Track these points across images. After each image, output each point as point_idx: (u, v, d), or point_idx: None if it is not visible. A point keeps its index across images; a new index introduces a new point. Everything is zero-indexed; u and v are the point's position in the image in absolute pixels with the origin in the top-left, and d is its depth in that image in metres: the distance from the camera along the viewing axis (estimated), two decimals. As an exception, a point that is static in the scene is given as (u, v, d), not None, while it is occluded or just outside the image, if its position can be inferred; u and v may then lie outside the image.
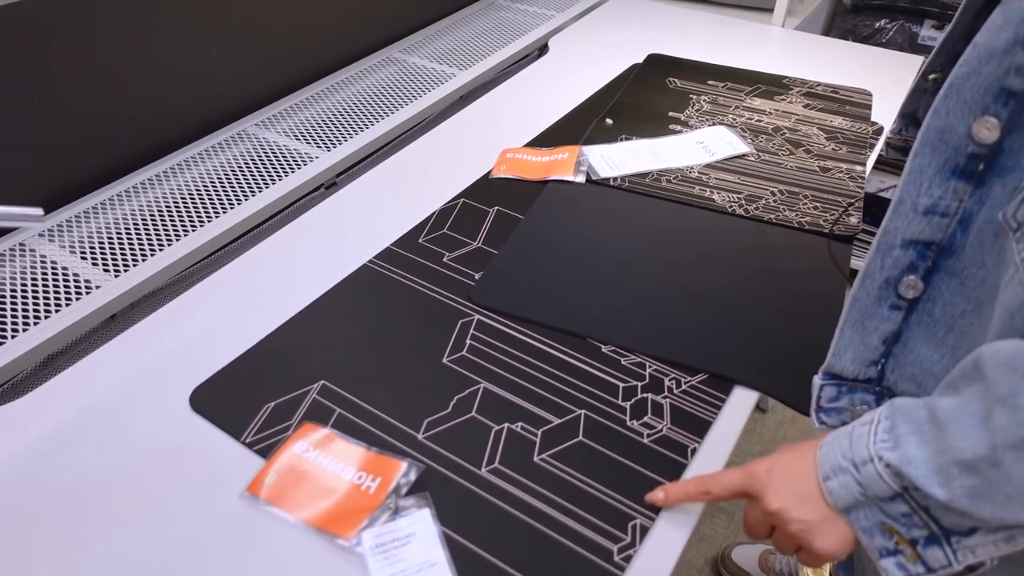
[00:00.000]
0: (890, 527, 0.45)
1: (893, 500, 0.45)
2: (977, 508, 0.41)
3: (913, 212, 0.49)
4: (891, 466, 0.44)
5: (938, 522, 0.44)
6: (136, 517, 0.56)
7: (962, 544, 0.43)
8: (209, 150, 0.97)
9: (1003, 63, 0.43)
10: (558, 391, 0.65)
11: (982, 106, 0.44)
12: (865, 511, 0.46)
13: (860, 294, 0.53)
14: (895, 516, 0.45)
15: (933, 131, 0.47)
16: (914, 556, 0.45)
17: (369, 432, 0.61)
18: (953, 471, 0.41)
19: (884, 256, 0.51)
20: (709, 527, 1.38)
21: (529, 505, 0.56)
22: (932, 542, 0.44)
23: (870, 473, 0.45)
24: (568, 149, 0.96)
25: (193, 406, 0.64)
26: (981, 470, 0.40)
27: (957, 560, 0.44)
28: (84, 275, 0.77)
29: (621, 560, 0.53)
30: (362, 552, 0.53)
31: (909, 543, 0.45)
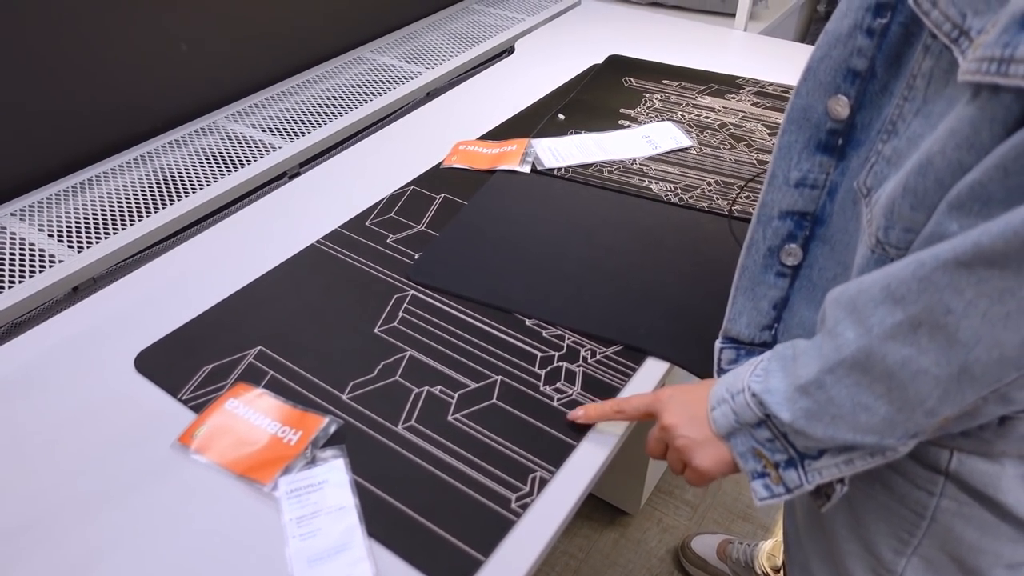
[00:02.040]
0: (759, 451, 0.50)
1: (759, 426, 0.49)
2: (812, 428, 0.46)
3: (786, 185, 0.53)
4: (756, 395, 0.49)
5: (793, 446, 0.48)
6: (73, 462, 0.60)
7: (812, 466, 0.48)
8: (179, 140, 1.03)
9: (847, 46, 0.47)
10: (479, 359, 0.69)
11: (834, 85, 0.48)
12: (740, 437, 0.51)
13: (747, 263, 0.57)
14: (762, 441, 0.49)
15: (797, 110, 0.51)
16: (777, 478, 0.49)
17: (297, 392, 0.66)
18: (795, 396, 0.46)
19: (765, 227, 0.55)
20: (673, 518, 1.41)
21: (438, 458, 0.60)
22: (790, 465, 0.49)
23: (741, 402, 0.50)
24: (517, 141, 1.01)
25: (137, 367, 0.68)
26: (811, 392, 0.45)
27: (808, 480, 0.48)
28: (50, 251, 0.82)
29: (518, 507, 0.57)
30: (278, 496, 0.58)
31: (773, 466, 0.49)
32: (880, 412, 0.43)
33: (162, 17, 0.98)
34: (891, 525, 0.55)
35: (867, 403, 0.43)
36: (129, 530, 0.55)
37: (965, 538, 0.52)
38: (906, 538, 0.54)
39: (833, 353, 0.44)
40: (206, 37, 1.05)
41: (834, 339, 0.44)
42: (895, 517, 0.54)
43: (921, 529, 0.53)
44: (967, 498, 0.50)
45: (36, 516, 0.56)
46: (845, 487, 0.50)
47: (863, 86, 0.47)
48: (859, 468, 0.47)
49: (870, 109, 0.48)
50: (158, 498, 0.58)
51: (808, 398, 0.45)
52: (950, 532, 0.52)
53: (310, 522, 0.56)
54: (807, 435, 0.46)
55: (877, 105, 0.47)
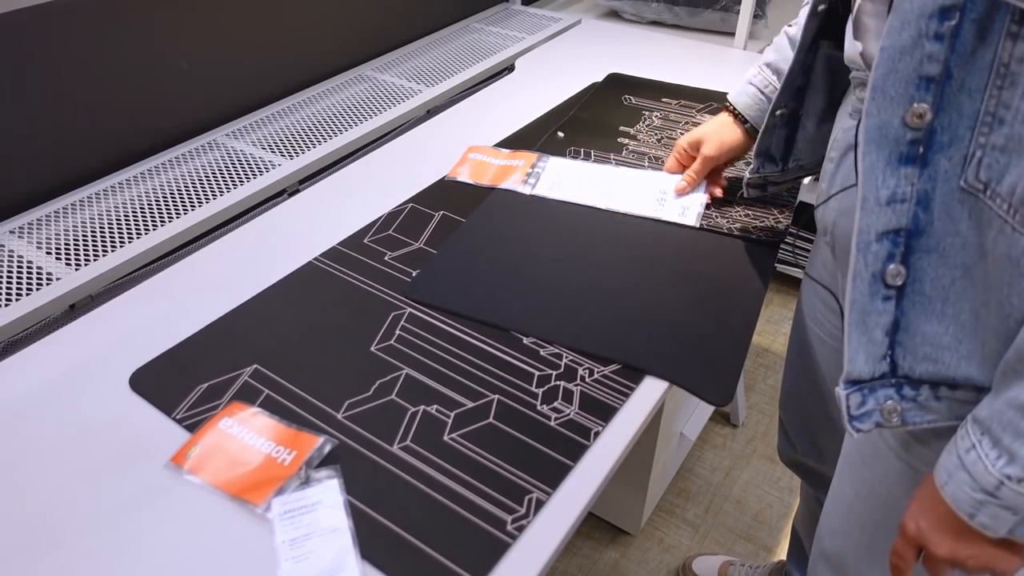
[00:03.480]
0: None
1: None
2: None
3: (877, 206, 0.52)
4: (1023, 480, 0.46)
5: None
6: (66, 481, 0.60)
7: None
8: (179, 157, 1.03)
9: (914, 56, 0.47)
10: (476, 378, 0.69)
11: (908, 97, 0.49)
12: (988, 508, 0.48)
13: (855, 296, 0.55)
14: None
15: (872, 130, 0.51)
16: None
17: (292, 411, 0.65)
18: None
19: (864, 254, 0.53)
20: (674, 538, 1.39)
21: (433, 479, 0.60)
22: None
23: (1009, 495, 0.47)
24: (526, 156, 1.01)
25: (132, 386, 0.68)
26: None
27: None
28: (47, 268, 0.82)
29: (513, 529, 0.56)
30: (271, 517, 0.57)
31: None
32: None
33: (163, 35, 0.99)
34: None
35: None
36: (121, 551, 0.55)
37: None
38: None
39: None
40: (207, 55, 1.05)
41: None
42: None
43: None
44: None
45: (28, 536, 0.56)
46: None
47: (939, 90, 0.48)
48: None
49: (950, 110, 0.48)
50: (151, 519, 0.57)
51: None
52: None
53: (303, 544, 0.55)
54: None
55: (956, 104, 0.48)
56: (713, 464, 1.53)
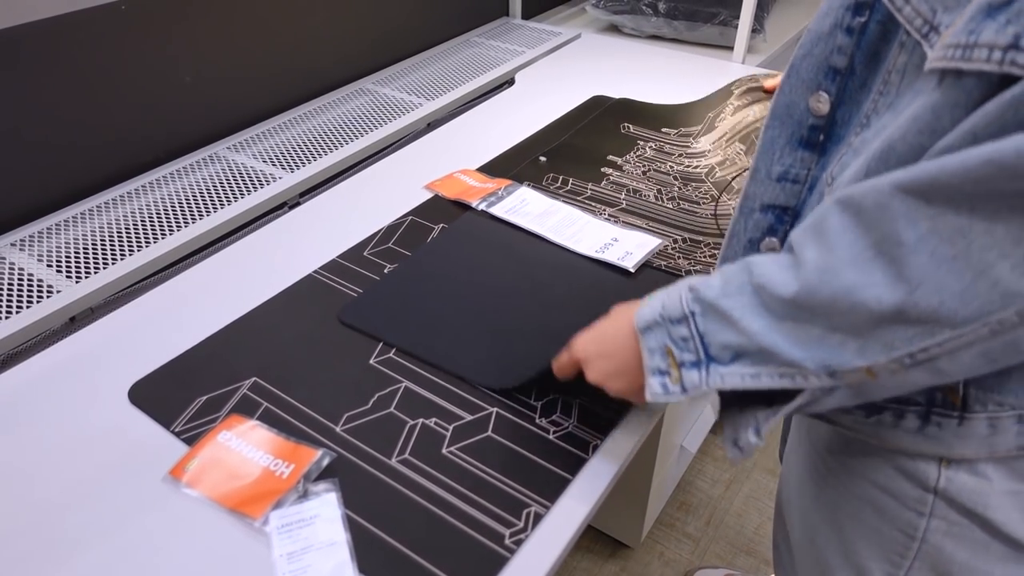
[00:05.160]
0: (669, 349, 0.49)
1: (680, 322, 0.48)
2: (745, 319, 0.45)
3: (768, 179, 0.53)
4: (693, 289, 0.48)
5: (707, 349, 0.47)
6: (64, 494, 0.60)
7: (717, 371, 0.47)
8: (180, 170, 1.03)
9: (828, 44, 0.48)
10: (475, 391, 0.69)
11: (815, 83, 0.49)
12: (657, 332, 0.50)
13: (728, 254, 0.57)
14: (676, 339, 0.49)
15: (780, 106, 0.51)
16: (677, 378, 0.49)
17: (291, 424, 0.65)
18: (736, 290, 0.46)
19: (747, 219, 0.55)
20: (675, 551, 1.38)
21: (431, 492, 0.60)
22: (695, 366, 0.48)
23: (673, 295, 0.50)
24: (501, 182, 1.00)
25: (131, 399, 0.68)
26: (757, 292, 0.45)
27: (708, 383, 0.47)
28: (48, 281, 0.82)
29: (511, 543, 0.56)
30: (268, 531, 0.57)
31: (678, 365, 0.49)
32: (815, 330, 0.42)
33: (165, 49, 0.99)
34: (882, 549, 0.54)
35: (805, 319, 0.42)
36: (118, 565, 0.55)
37: (956, 558, 0.51)
38: (898, 560, 0.53)
39: (792, 268, 0.43)
40: (208, 69, 1.06)
41: (795, 258, 0.43)
42: (886, 540, 0.54)
43: (912, 551, 0.52)
44: (957, 516, 0.49)
45: (27, 548, 0.56)
46: (760, 439, 0.49)
47: (843, 83, 0.48)
48: (763, 385, 0.45)
49: (850, 105, 0.48)
50: (148, 532, 0.57)
51: (751, 296, 0.45)
52: (941, 552, 0.51)
53: (301, 558, 0.55)
54: (735, 324, 0.45)
55: (856, 101, 0.48)
56: (714, 477, 1.52)
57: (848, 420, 0.52)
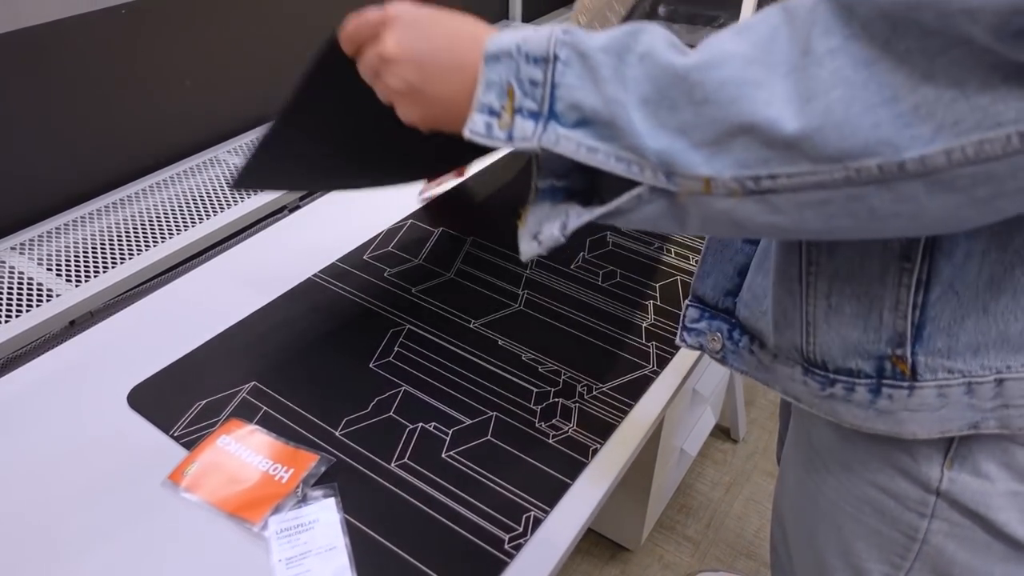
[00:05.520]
0: (510, 89, 0.43)
1: (536, 63, 0.42)
2: (611, 77, 0.40)
3: None
4: (568, 32, 0.42)
5: (552, 104, 0.42)
6: (63, 499, 0.60)
7: (555, 130, 0.42)
8: (180, 174, 1.03)
9: None
10: (474, 395, 0.69)
11: None
12: (505, 65, 0.43)
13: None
14: (523, 80, 0.42)
15: None
16: (507, 123, 0.43)
17: (290, 428, 0.65)
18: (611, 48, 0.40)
19: None
20: (675, 555, 1.38)
21: (431, 497, 0.60)
22: (533, 117, 0.42)
23: (542, 33, 0.42)
24: None
25: (130, 403, 0.68)
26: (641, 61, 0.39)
27: (541, 139, 0.42)
28: (48, 285, 0.83)
29: (511, 548, 0.56)
30: (267, 536, 0.57)
31: (513, 111, 0.43)
32: (679, 118, 0.38)
33: (165, 53, 1.00)
34: (882, 550, 0.54)
35: (678, 100, 0.38)
36: (117, 569, 0.55)
37: (957, 559, 0.51)
38: (898, 562, 0.53)
39: (694, 51, 0.38)
40: (208, 73, 1.06)
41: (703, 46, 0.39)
42: (886, 541, 0.53)
43: (913, 552, 0.52)
44: (959, 518, 0.49)
45: (26, 551, 0.56)
46: (565, 237, 0.44)
47: None
48: (594, 162, 0.41)
49: None
50: (147, 537, 0.57)
51: (633, 62, 0.39)
52: (942, 554, 0.51)
53: (300, 563, 0.55)
54: (599, 82, 0.40)
55: None
56: (714, 480, 1.52)
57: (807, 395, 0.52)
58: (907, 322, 0.44)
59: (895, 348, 0.45)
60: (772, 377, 0.54)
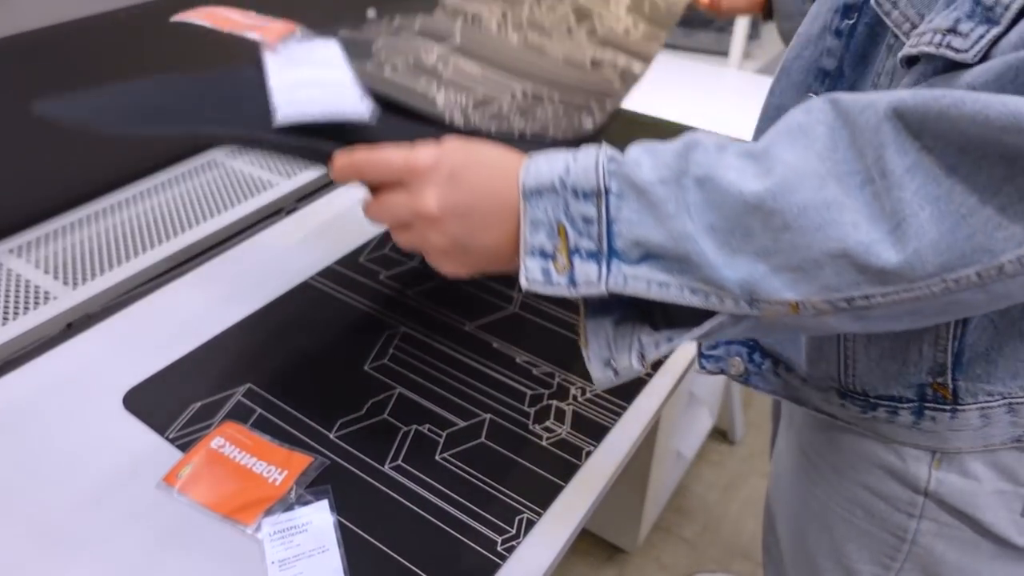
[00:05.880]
0: (561, 228, 0.40)
1: (586, 198, 0.39)
2: (673, 210, 0.37)
3: None
4: (614, 160, 0.39)
5: (612, 240, 0.39)
6: (57, 501, 0.60)
7: (621, 269, 0.39)
8: (177, 177, 1.04)
9: (818, 46, 0.48)
10: (468, 397, 0.69)
11: (805, 85, 0.49)
12: (549, 201, 0.40)
13: None
14: (574, 217, 0.39)
15: (771, 109, 0.52)
16: (565, 267, 0.40)
17: (285, 430, 0.66)
18: (671, 175, 0.38)
19: None
20: (671, 556, 1.39)
21: (424, 499, 0.60)
22: (594, 257, 0.39)
23: (587, 160, 0.39)
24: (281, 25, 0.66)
25: (126, 405, 0.68)
26: (701, 184, 0.37)
27: (607, 283, 0.39)
28: (45, 287, 0.83)
29: (503, 550, 0.56)
30: (260, 538, 0.57)
31: (569, 252, 0.40)
32: (756, 245, 0.36)
33: (164, 56, 1.00)
34: (872, 551, 0.54)
35: (753, 228, 0.36)
36: (110, 570, 0.55)
37: (946, 558, 0.51)
38: (888, 563, 0.54)
39: (757, 165, 0.36)
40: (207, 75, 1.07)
41: (763, 157, 0.37)
42: (876, 542, 0.54)
43: (903, 553, 0.53)
44: (948, 517, 0.50)
45: (19, 553, 0.56)
46: (643, 366, 0.41)
47: (832, 85, 0.48)
48: (669, 297, 0.39)
49: None
50: (140, 539, 0.57)
51: (693, 189, 0.37)
52: (931, 553, 0.52)
53: (293, 565, 0.55)
54: (663, 218, 0.37)
55: None
56: (710, 482, 1.52)
57: (844, 414, 0.52)
58: (947, 354, 0.46)
59: (936, 377, 0.46)
60: (802, 397, 0.54)
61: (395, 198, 0.44)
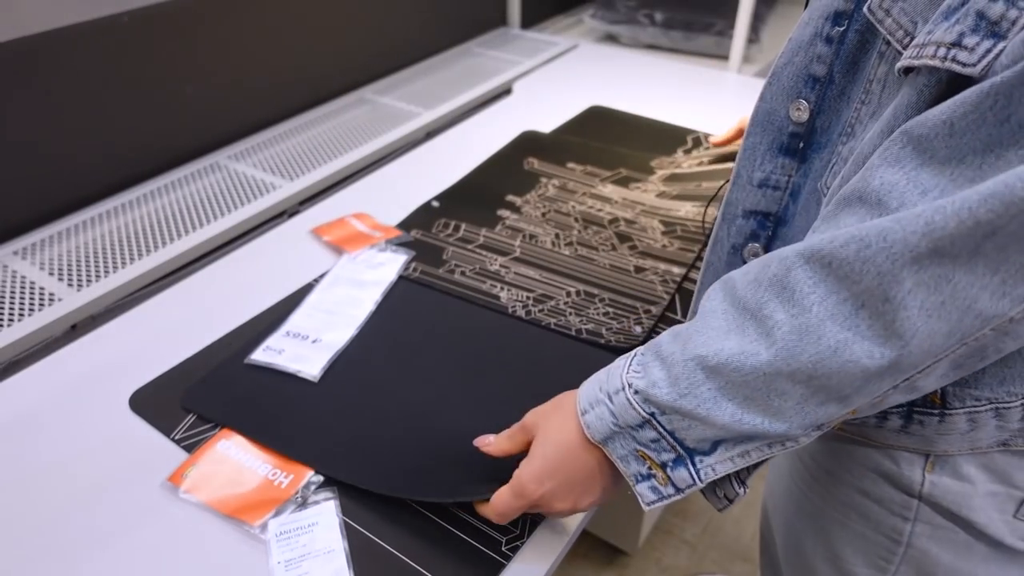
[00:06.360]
0: (642, 453, 0.47)
1: (643, 427, 0.46)
2: (713, 412, 0.43)
3: (749, 185, 0.54)
4: (639, 392, 0.45)
5: (682, 444, 0.45)
6: (63, 501, 0.60)
7: (703, 463, 0.45)
8: (181, 179, 1.04)
9: (808, 53, 0.49)
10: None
11: (795, 91, 0.50)
12: (620, 440, 0.47)
13: (711, 259, 0.57)
14: (645, 443, 0.46)
15: (761, 113, 0.52)
16: (665, 479, 0.46)
17: (290, 432, 0.66)
18: (693, 374, 0.43)
19: (729, 225, 0.55)
20: (672, 558, 1.39)
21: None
22: (679, 463, 0.46)
23: (622, 402, 0.46)
24: (390, 232, 0.92)
25: (132, 406, 0.69)
26: (720, 372, 0.42)
27: (700, 478, 0.45)
28: (50, 289, 0.83)
29: (507, 550, 0.57)
30: (266, 538, 0.57)
31: (660, 466, 0.46)
32: (795, 396, 0.41)
33: (167, 59, 1.01)
34: (868, 555, 0.55)
35: (784, 388, 0.40)
36: (116, 570, 0.55)
37: (941, 560, 0.52)
38: (883, 565, 0.54)
39: (757, 334, 0.41)
40: (209, 79, 1.07)
41: (758, 323, 0.41)
42: (871, 545, 0.54)
43: (898, 555, 0.53)
44: (941, 520, 0.50)
45: (25, 554, 0.56)
46: (746, 489, 0.48)
47: (822, 91, 0.49)
48: (755, 460, 0.45)
49: (829, 113, 0.49)
50: (146, 539, 0.58)
51: (707, 384, 0.43)
52: (926, 556, 0.52)
53: (298, 565, 0.55)
54: (704, 420, 0.43)
55: (836, 110, 0.49)
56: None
57: None
58: None
59: None
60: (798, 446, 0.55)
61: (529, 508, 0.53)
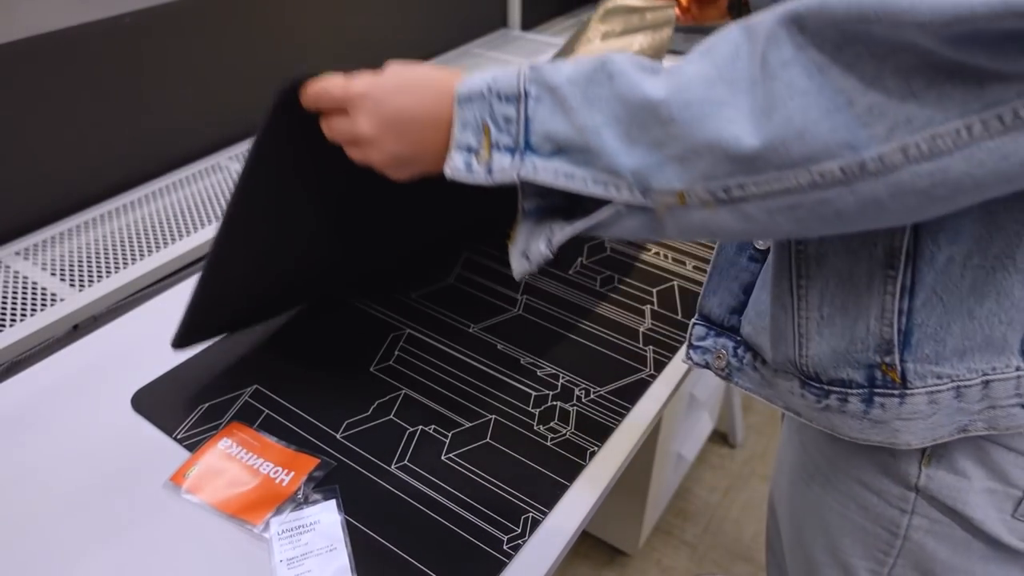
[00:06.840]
0: (486, 126, 0.44)
1: (507, 101, 0.43)
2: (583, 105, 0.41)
3: None
4: (535, 69, 0.43)
5: (527, 138, 0.43)
6: (66, 501, 0.60)
7: (531, 161, 0.43)
8: (182, 180, 1.04)
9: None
10: (473, 398, 0.70)
11: None
12: (478, 105, 0.45)
13: (719, 261, 0.57)
14: (497, 118, 0.44)
15: None
16: (485, 159, 0.44)
17: (292, 431, 0.66)
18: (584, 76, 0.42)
19: None
20: (672, 559, 1.39)
21: (430, 499, 0.60)
22: (509, 151, 0.44)
23: (510, 72, 0.44)
24: None
25: (133, 406, 0.69)
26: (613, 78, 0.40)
27: (520, 172, 0.43)
28: (52, 289, 0.83)
29: (509, 549, 0.57)
30: (268, 536, 0.57)
31: (490, 147, 0.44)
32: (646, 139, 0.39)
33: (168, 61, 1.01)
34: (867, 547, 0.55)
35: (646, 118, 0.39)
36: (118, 570, 0.55)
37: (938, 556, 0.51)
38: (882, 558, 0.54)
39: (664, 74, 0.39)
40: (211, 79, 1.07)
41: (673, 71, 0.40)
42: (870, 537, 0.54)
43: (896, 548, 0.53)
44: (938, 514, 0.50)
45: (28, 553, 0.56)
46: (552, 253, 0.46)
47: None
48: (574, 188, 0.42)
49: None
50: (148, 539, 0.58)
51: (606, 83, 0.41)
52: (923, 550, 0.52)
53: (300, 563, 0.56)
54: (570, 112, 0.41)
55: None
56: (711, 484, 1.53)
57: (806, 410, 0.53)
58: (893, 329, 0.45)
59: (883, 356, 0.46)
60: (774, 393, 0.55)
61: (338, 124, 0.51)
